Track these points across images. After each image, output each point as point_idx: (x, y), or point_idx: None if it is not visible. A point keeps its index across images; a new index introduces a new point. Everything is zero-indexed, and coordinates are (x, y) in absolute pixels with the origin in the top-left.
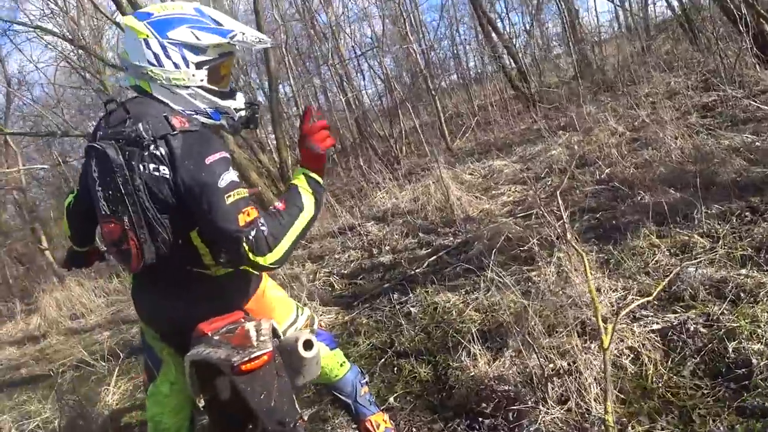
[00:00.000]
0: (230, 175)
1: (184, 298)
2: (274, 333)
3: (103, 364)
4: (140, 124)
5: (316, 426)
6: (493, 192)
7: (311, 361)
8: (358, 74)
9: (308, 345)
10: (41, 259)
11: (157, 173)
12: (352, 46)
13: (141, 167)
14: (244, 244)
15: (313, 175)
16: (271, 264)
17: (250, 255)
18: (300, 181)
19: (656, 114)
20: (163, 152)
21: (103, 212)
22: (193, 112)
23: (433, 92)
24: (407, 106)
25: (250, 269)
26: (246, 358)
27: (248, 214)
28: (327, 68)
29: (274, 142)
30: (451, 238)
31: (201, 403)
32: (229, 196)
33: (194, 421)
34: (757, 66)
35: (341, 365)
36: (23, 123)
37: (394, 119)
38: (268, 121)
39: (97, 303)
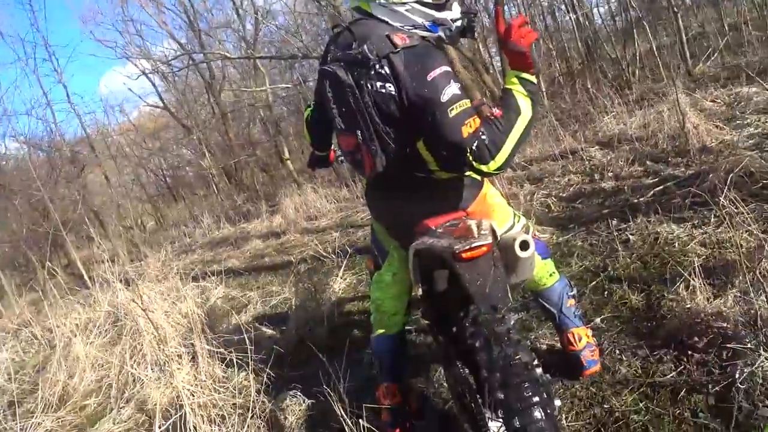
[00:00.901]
0: (452, 89)
1: (411, 199)
2: (494, 233)
3: (333, 257)
4: (365, 45)
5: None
6: (738, 122)
7: (525, 261)
8: None
9: (525, 245)
10: (282, 168)
11: (383, 90)
12: None
13: (369, 86)
14: (468, 155)
15: (525, 75)
16: (494, 170)
17: (474, 164)
18: (513, 84)
19: None
20: (388, 71)
21: (339, 127)
22: (412, 27)
23: (674, 9)
24: (644, 26)
25: (474, 174)
26: (467, 247)
27: (471, 126)
28: None
29: (499, 63)
30: (683, 169)
31: (419, 291)
32: (452, 109)
33: (410, 307)
34: None
35: (551, 275)
36: (269, 48)
37: (627, 40)
38: (493, 42)
39: (329, 208)
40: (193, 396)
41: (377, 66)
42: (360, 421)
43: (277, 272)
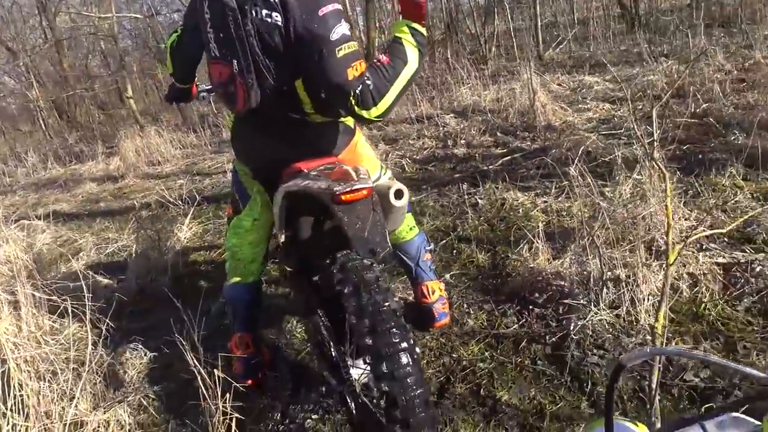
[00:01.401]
0: (342, 28)
1: (283, 140)
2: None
3: (180, 204)
4: None
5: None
6: (580, 106)
7: (398, 210)
8: None
9: (399, 194)
10: (123, 107)
11: (269, 20)
12: None
13: (254, 12)
14: (351, 99)
15: (416, 26)
16: (375, 117)
17: (356, 108)
18: (403, 34)
19: None
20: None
21: (213, 54)
22: None
23: None
24: (504, 7)
25: (354, 120)
26: (347, 189)
27: (357, 69)
28: None
29: (363, 24)
30: (529, 143)
31: (281, 238)
32: (340, 49)
33: (267, 256)
34: None
35: (410, 229)
36: None
37: (487, 18)
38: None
39: (174, 153)
40: (18, 349)
41: None
42: (215, 371)
43: (114, 218)
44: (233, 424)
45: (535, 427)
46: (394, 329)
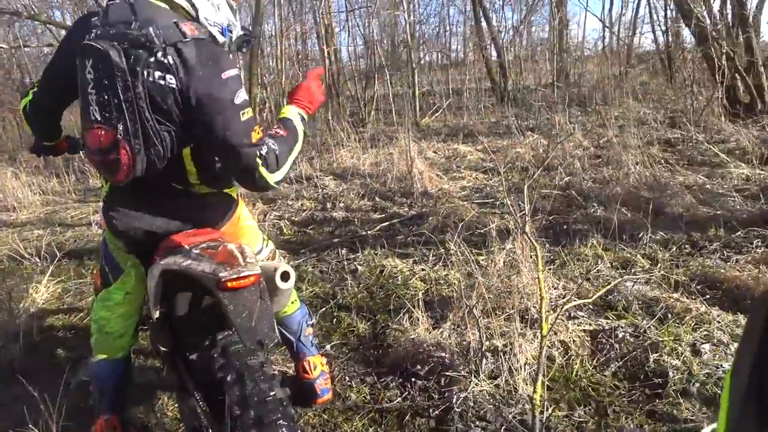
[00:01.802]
0: (243, 93)
1: (164, 213)
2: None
3: (37, 260)
4: (150, 28)
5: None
6: (454, 174)
7: (285, 292)
8: (342, 30)
9: (286, 276)
10: None
11: (162, 82)
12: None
13: (145, 74)
14: (258, 159)
15: (304, 113)
16: (275, 182)
17: (261, 170)
18: (293, 116)
19: (622, 137)
20: (173, 61)
21: (93, 117)
22: (211, 23)
23: (413, 65)
24: (384, 73)
25: (251, 187)
26: (234, 276)
27: (258, 132)
28: (312, 15)
29: (246, 79)
30: (407, 209)
31: (156, 314)
32: (244, 113)
33: (138, 329)
34: (723, 117)
35: (292, 302)
36: None
37: (368, 82)
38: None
39: (32, 199)
40: None
41: (160, 53)
42: None
43: None
44: None
45: None
46: (281, 420)
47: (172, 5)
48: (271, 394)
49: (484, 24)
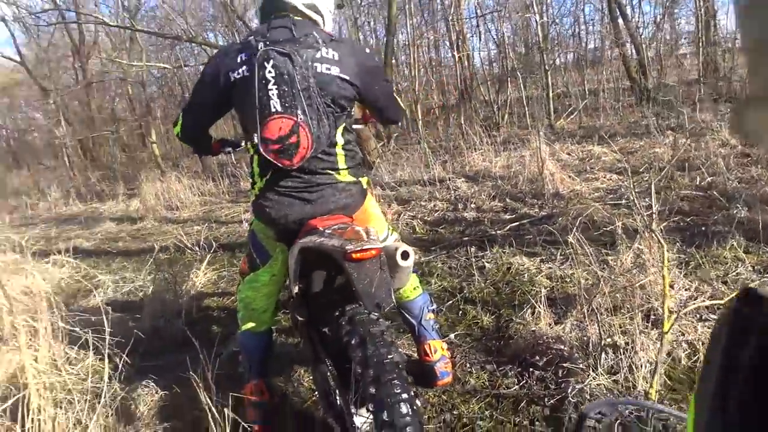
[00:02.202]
0: None
1: (312, 202)
2: (379, 238)
3: (197, 249)
4: (313, 33)
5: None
6: (587, 176)
7: (404, 270)
8: (474, 35)
9: (406, 255)
10: (145, 151)
11: (328, 71)
12: (475, 5)
13: (315, 67)
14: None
15: None
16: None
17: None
18: None
19: None
20: (332, 54)
21: (274, 110)
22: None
23: (546, 67)
24: (517, 76)
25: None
26: (358, 248)
27: None
28: (444, 23)
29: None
30: (537, 210)
31: (295, 290)
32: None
33: (278, 307)
34: None
35: (414, 289)
36: (150, 23)
37: (501, 86)
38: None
39: (192, 199)
40: (40, 375)
41: (323, 50)
42: (225, 410)
43: (131, 258)
44: None
45: None
46: (396, 380)
47: (313, 20)
48: (389, 357)
49: (620, 21)
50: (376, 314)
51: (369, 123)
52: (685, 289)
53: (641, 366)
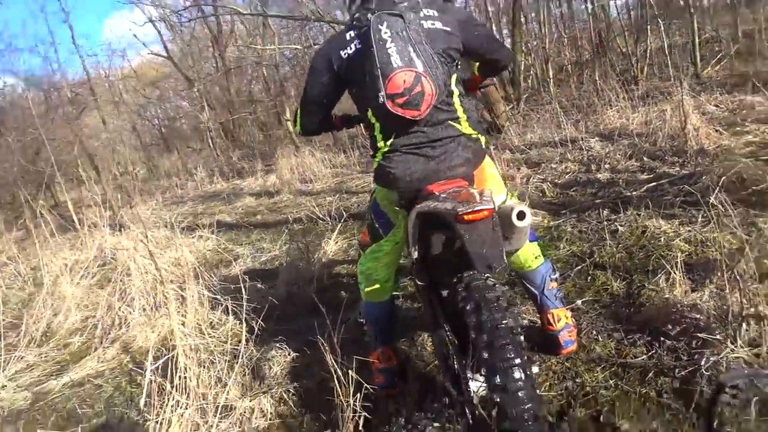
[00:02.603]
0: None
1: (435, 156)
2: (493, 200)
3: (328, 219)
4: None
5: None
6: (738, 129)
7: (521, 231)
8: None
9: (521, 215)
10: (280, 129)
11: (433, 26)
12: None
13: (423, 24)
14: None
15: None
16: None
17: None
18: None
19: None
20: (432, 12)
21: (396, 65)
22: None
23: (691, 9)
24: (658, 23)
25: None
26: (469, 210)
27: None
28: None
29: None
30: (678, 168)
31: (415, 254)
32: None
33: (398, 276)
34: None
35: (536, 258)
36: (280, 6)
37: (640, 36)
38: (505, 24)
39: (324, 172)
40: (186, 338)
41: (425, 10)
42: (349, 372)
43: (268, 230)
44: (361, 422)
45: None
46: (509, 345)
47: None
48: (503, 322)
49: None
50: (492, 280)
51: (486, 84)
52: None
53: None
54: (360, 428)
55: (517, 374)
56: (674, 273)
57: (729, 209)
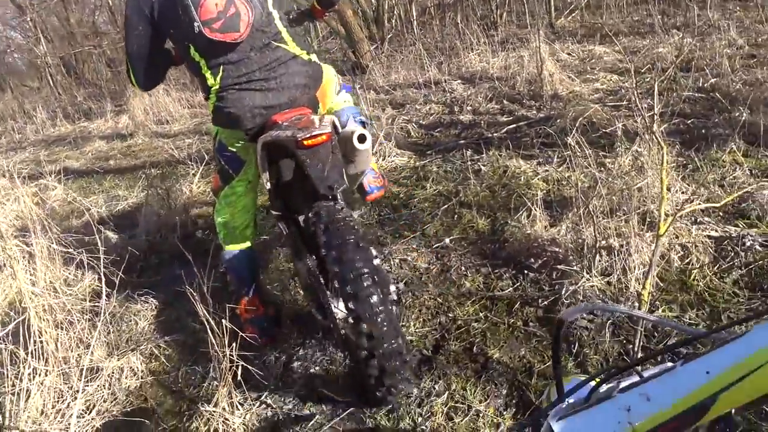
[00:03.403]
0: None
1: (272, 88)
2: (334, 126)
3: (189, 162)
4: None
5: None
6: (588, 76)
7: (363, 153)
8: None
9: (362, 138)
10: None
11: None
12: None
13: None
14: None
15: None
16: None
17: None
18: None
19: None
20: None
21: None
22: None
23: None
24: None
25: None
26: (308, 135)
27: None
28: None
29: None
30: (535, 112)
31: (267, 183)
32: None
33: (257, 220)
34: None
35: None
36: None
37: None
38: None
39: (182, 113)
40: (37, 298)
41: None
42: (222, 321)
43: (123, 176)
44: (239, 372)
45: (522, 384)
46: (357, 258)
47: None
48: (349, 238)
49: None
50: (340, 204)
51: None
52: (682, 192)
53: (634, 268)
54: (239, 378)
55: (368, 283)
56: (534, 210)
57: (584, 149)
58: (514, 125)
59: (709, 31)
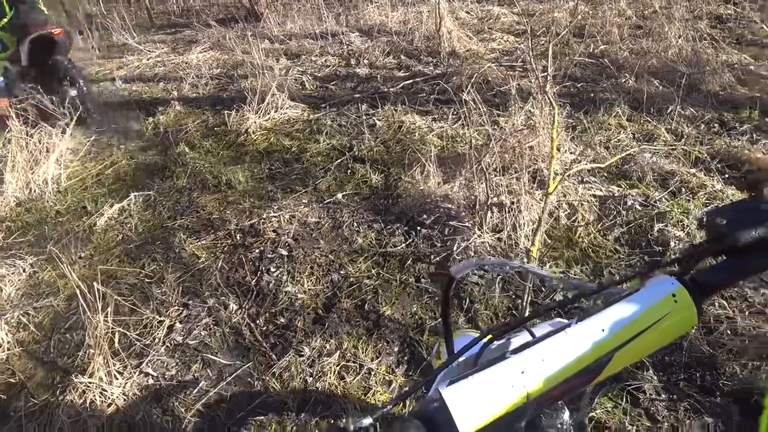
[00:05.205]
0: None
1: None
2: None
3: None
4: None
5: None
6: (485, 36)
7: None
8: None
9: None
10: None
11: None
12: None
13: None
14: None
15: None
16: None
17: None
18: None
19: (669, 9)
20: None
21: None
22: None
23: None
24: None
25: None
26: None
27: None
28: None
29: None
30: (432, 68)
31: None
32: None
33: None
34: None
35: None
36: None
37: None
38: None
39: None
40: None
41: None
42: (95, 285)
43: None
44: (116, 339)
45: (414, 340)
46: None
47: None
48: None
49: None
50: None
51: None
52: (571, 153)
53: (524, 225)
54: (116, 345)
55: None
56: (428, 166)
57: (479, 107)
58: (411, 81)
59: (601, 0)
